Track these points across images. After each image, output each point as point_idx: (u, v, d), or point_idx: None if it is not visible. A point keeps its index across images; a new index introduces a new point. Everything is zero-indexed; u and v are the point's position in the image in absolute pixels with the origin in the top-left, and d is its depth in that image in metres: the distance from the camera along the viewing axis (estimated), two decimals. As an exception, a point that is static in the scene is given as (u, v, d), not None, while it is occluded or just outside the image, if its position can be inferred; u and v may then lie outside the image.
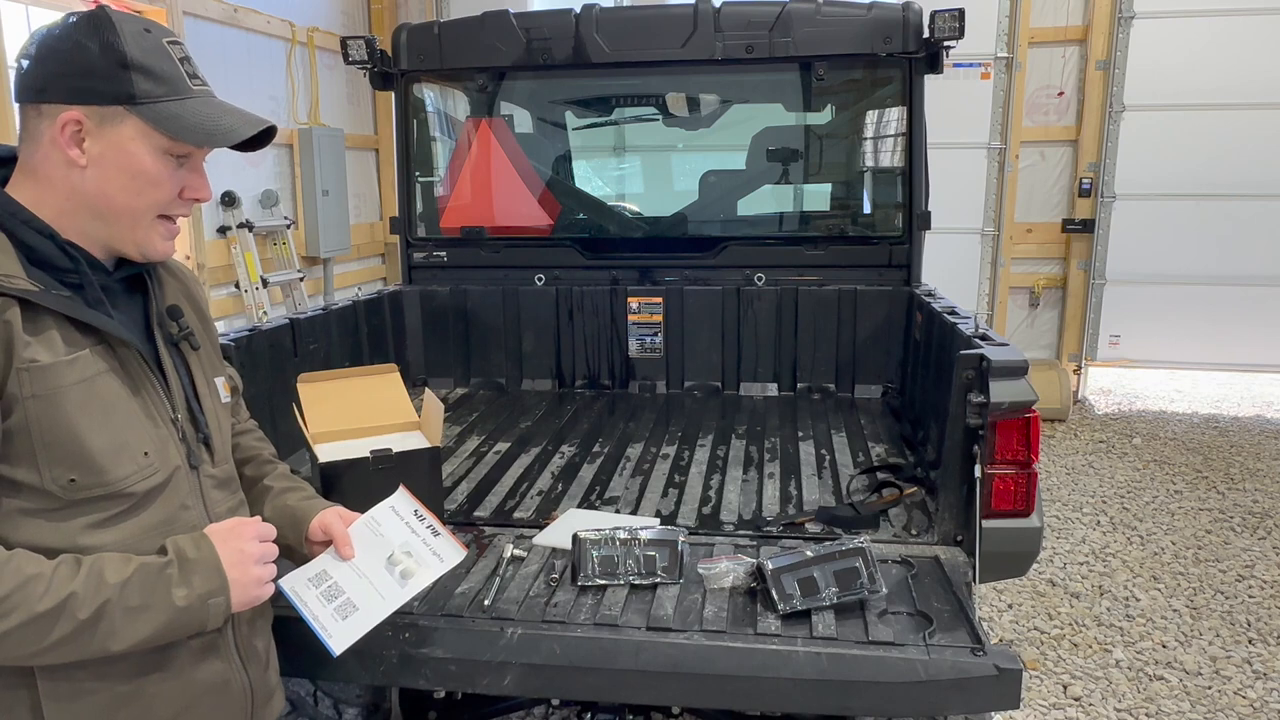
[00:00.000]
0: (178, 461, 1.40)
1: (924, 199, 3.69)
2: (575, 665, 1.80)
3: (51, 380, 1.25)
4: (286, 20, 6.33)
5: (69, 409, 1.26)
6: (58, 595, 1.21)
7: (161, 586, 1.29)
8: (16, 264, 1.27)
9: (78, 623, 1.22)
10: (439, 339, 3.96)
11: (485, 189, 4.12)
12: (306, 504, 1.66)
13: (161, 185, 1.35)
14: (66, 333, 1.29)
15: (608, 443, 3.15)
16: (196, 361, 1.50)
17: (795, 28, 3.51)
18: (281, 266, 6.28)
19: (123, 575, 1.26)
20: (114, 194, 1.33)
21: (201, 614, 1.32)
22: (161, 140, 1.32)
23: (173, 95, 1.33)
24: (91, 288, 1.33)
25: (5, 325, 1.22)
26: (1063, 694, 3.44)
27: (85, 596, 1.22)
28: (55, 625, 1.20)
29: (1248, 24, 6.73)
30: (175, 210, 1.40)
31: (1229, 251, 7.02)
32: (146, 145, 1.32)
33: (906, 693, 1.72)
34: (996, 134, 7.27)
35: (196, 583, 1.31)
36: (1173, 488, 5.58)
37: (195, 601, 1.31)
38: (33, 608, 1.19)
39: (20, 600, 1.19)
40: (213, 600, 1.32)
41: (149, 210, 1.36)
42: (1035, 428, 2.05)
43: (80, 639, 1.23)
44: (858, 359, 3.73)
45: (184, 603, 1.30)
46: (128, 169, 1.32)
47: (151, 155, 1.33)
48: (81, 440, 1.27)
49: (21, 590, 1.19)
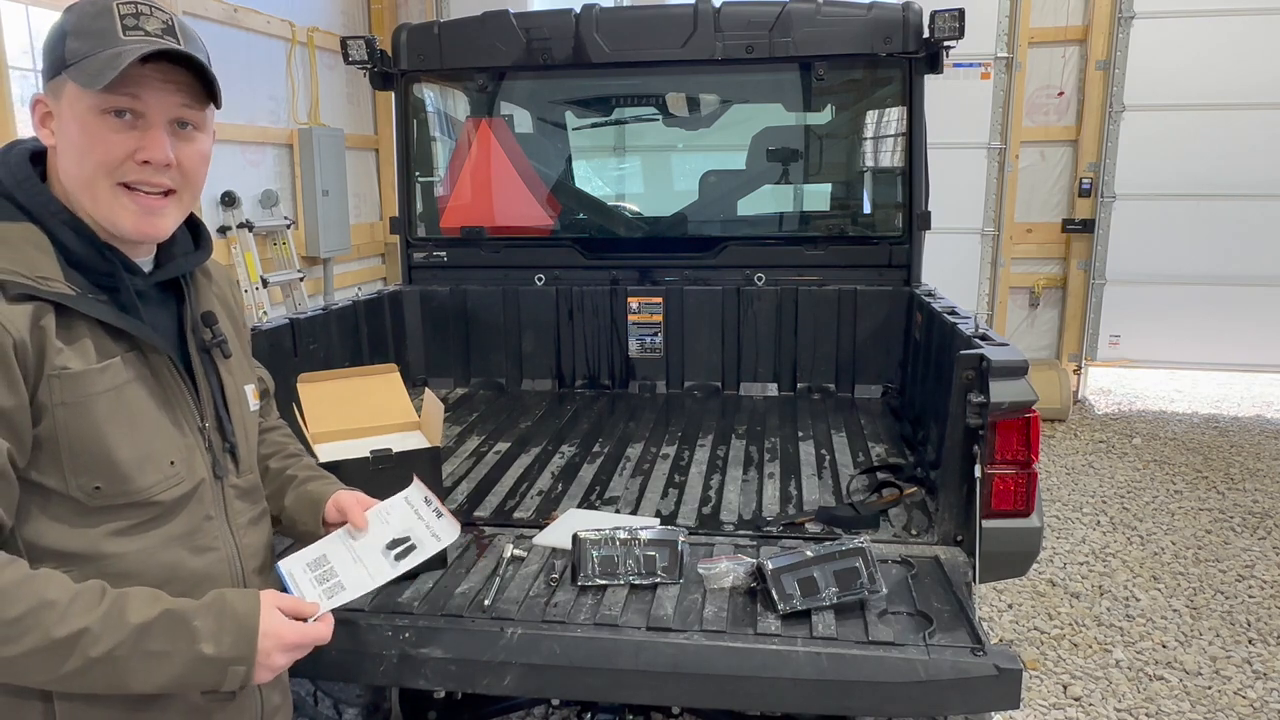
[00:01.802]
0: (203, 472, 1.39)
1: (924, 199, 3.69)
2: (575, 665, 1.80)
3: (82, 388, 1.24)
4: (286, 20, 6.33)
5: (97, 417, 1.25)
6: (71, 627, 1.16)
7: (186, 636, 1.23)
8: (55, 265, 1.26)
9: (88, 660, 1.17)
10: (439, 339, 3.96)
11: (485, 189, 4.12)
12: (325, 488, 1.66)
13: (99, 146, 1.26)
14: (99, 338, 1.28)
15: (608, 443, 3.15)
16: (227, 369, 1.49)
17: (795, 28, 3.51)
18: (281, 266, 6.28)
19: (144, 617, 1.21)
20: (72, 168, 1.28)
21: (219, 675, 1.26)
22: (90, 97, 1.24)
23: (96, 49, 1.24)
24: (126, 291, 1.31)
25: (40, 331, 1.21)
26: (1063, 694, 3.44)
27: (99, 634, 1.18)
28: (68, 658, 1.16)
29: (1248, 24, 6.73)
30: (130, 175, 1.28)
31: (1229, 251, 7.02)
32: (81, 106, 1.25)
33: (906, 693, 1.72)
34: (996, 134, 7.27)
35: (226, 644, 1.26)
36: (1173, 488, 5.57)
37: (218, 662, 1.25)
38: (48, 633, 1.15)
39: (33, 624, 1.14)
40: (233, 668, 1.27)
41: (95, 175, 1.27)
42: (1035, 428, 2.05)
43: (95, 674, 1.18)
44: (858, 359, 3.73)
45: (210, 653, 1.24)
46: (73, 136, 1.27)
47: (86, 116, 1.25)
48: (108, 449, 1.26)
49: (35, 615, 1.15)
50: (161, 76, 1.27)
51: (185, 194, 1.35)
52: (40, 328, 1.21)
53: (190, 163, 1.33)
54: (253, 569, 1.48)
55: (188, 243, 1.47)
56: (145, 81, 1.26)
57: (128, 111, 1.27)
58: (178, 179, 1.32)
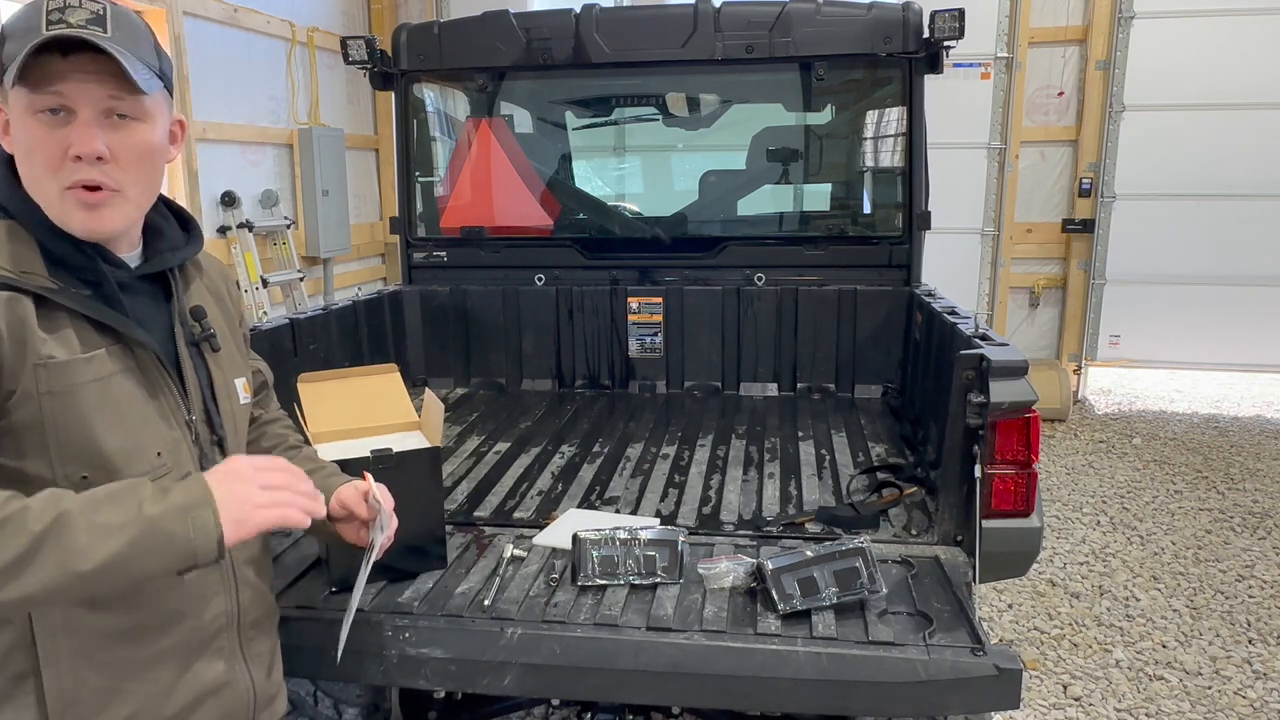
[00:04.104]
0: (189, 464, 1.39)
1: (924, 199, 3.69)
2: (575, 665, 1.80)
3: (68, 377, 1.24)
4: (286, 20, 6.33)
5: (84, 407, 1.25)
6: (4, 511, 1.10)
7: (131, 499, 1.16)
8: (39, 261, 1.27)
9: (32, 536, 1.09)
10: (439, 339, 3.96)
11: (485, 189, 4.12)
12: (327, 483, 1.65)
13: (38, 149, 1.24)
14: (83, 331, 1.28)
15: (608, 443, 3.15)
16: (217, 363, 1.49)
17: (795, 28, 3.51)
18: (281, 266, 6.28)
19: (90, 495, 1.16)
20: (25, 170, 1.28)
21: (183, 530, 1.16)
22: (24, 98, 1.23)
23: (21, 49, 1.21)
24: (108, 285, 1.31)
25: (19, 321, 1.21)
26: (1063, 694, 3.44)
27: (40, 510, 1.11)
28: (6, 545, 1.08)
29: (1247, 24, 6.73)
30: (70, 176, 1.25)
31: (1229, 251, 7.02)
32: (19, 109, 1.24)
33: (906, 693, 1.72)
34: (996, 134, 7.27)
35: (175, 496, 1.18)
36: (1173, 488, 5.57)
37: (172, 513, 1.16)
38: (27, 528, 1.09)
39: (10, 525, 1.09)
40: (194, 512, 1.17)
41: (43, 177, 1.26)
42: (1035, 428, 2.05)
43: (40, 559, 1.09)
44: (858, 359, 3.73)
45: (157, 511, 1.15)
46: (19, 139, 1.27)
47: (24, 117, 1.24)
48: (96, 439, 1.26)
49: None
50: (83, 68, 1.23)
51: (131, 188, 1.31)
52: (19, 318, 1.21)
53: (127, 154, 1.28)
54: (243, 559, 1.48)
55: (177, 236, 1.47)
56: (67, 75, 1.23)
57: (61, 109, 1.24)
58: (114, 173, 1.28)
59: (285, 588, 2.02)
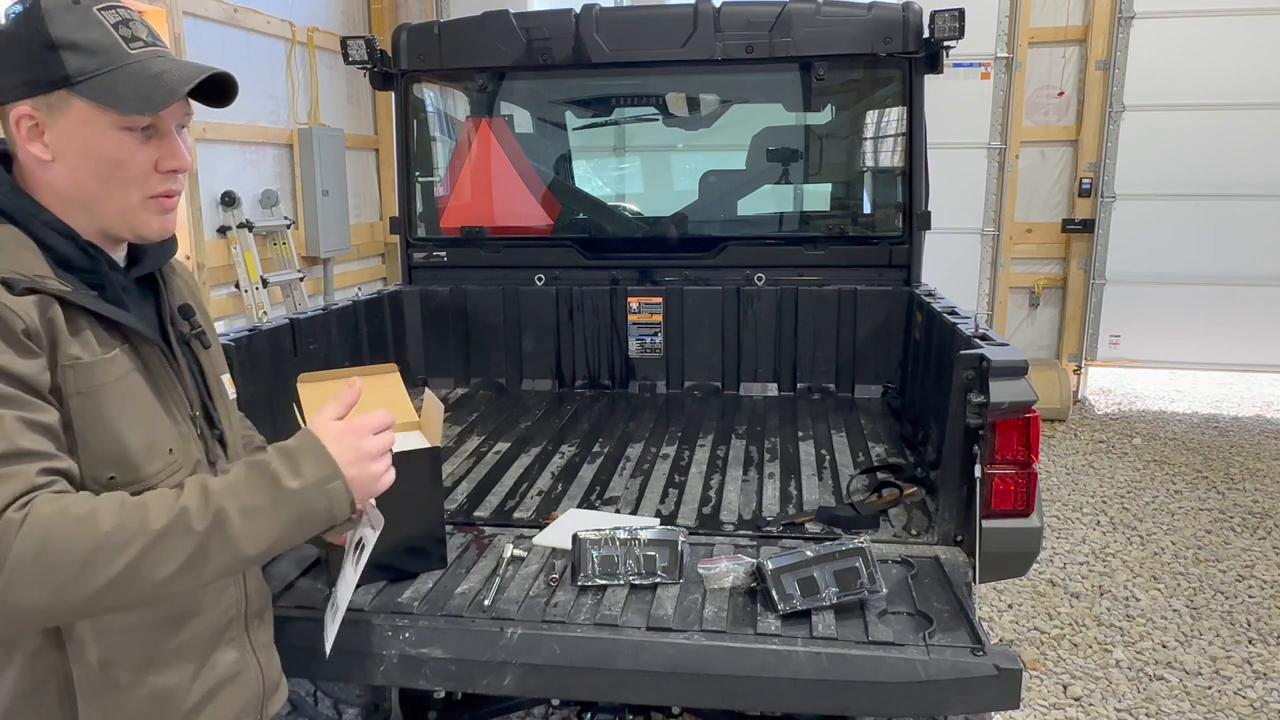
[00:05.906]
0: (198, 457, 1.41)
1: (924, 199, 3.69)
2: (575, 665, 1.80)
3: (94, 378, 1.25)
4: (286, 20, 6.33)
5: (109, 407, 1.26)
6: (169, 513, 1.15)
7: (269, 481, 1.23)
8: (45, 265, 1.27)
9: (198, 536, 1.16)
10: (439, 339, 3.96)
11: (485, 189, 4.12)
12: None
13: (129, 164, 1.29)
14: (97, 332, 1.29)
15: (608, 443, 3.15)
16: (209, 360, 1.51)
17: (795, 28, 3.51)
18: (281, 266, 6.28)
19: (226, 482, 1.22)
20: (86, 182, 1.28)
21: (323, 502, 1.26)
22: (110, 116, 1.25)
23: (108, 66, 1.24)
24: (113, 287, 1.33)
25: (49, 323, 1.22)
26: (1063, 694, 3.44)
27: (197, 509, 1.17)
28: (177, 544, 1.14)
29: (1248, 24, 6.73)
30: (156, 188, 1.32)
31: (1229, 251, 7.02)
32: (99, 125, 1.26)
33: (906, 693, 1.72)
34: (996, 134, 7.27)
35: (307, 470, 1.26)
36: (1173, 488, 5.57)
37: (312, 487, 1.25)
38: (149, 528, 1.13)
39: (134, 528, 1.13)
40: (330, 485, 1.27)
41: (127, 192, 1.30)
42: (1035, 428, 2.05)
43: (210, 553, 1.17)
44: (858, 359, 3.73)
45: (297, 485, 1.24)
46: (89, 154, 1.27)
47: (107, 134, 1.26)
48: (120, 438, 1.27)
49: (127, 520, 1.13)
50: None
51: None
52: (49, 319, 1.22)
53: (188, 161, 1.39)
54: None
55: None
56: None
57: (151, 126, 1.30)
58: (181, 179, 1.37)
59: (284, 588, 2.02)
